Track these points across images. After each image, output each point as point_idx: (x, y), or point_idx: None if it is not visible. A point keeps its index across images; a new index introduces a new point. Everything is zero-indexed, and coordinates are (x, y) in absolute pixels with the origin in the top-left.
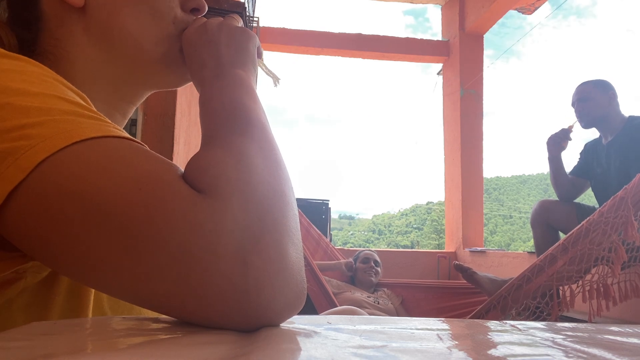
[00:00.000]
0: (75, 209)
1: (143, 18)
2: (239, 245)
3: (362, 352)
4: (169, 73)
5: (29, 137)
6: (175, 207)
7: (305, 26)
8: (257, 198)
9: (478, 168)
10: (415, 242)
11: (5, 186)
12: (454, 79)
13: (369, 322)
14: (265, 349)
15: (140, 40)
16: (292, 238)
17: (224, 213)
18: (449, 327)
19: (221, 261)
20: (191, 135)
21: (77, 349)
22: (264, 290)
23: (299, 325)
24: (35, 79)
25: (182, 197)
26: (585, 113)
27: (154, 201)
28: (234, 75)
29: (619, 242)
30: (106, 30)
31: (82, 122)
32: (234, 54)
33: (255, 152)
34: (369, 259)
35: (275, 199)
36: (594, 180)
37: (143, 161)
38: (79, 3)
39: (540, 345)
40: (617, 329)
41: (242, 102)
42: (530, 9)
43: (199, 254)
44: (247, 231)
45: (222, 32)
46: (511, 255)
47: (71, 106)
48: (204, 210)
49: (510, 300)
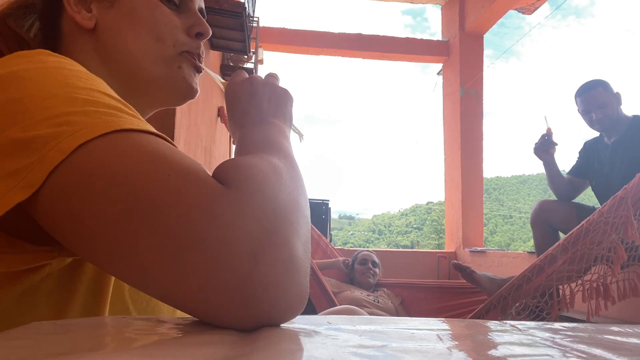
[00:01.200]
0: (109, 189)
1: (145, 40)
2: (252, 239)
3: (362, 352)
4: (168, 91)
5: (72, 124)
6: (199, 194)
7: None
8: (277, 200)
9: (478, 168)
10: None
11: (45, 167)
12: (454, 79)
13: (369, 322)
14: (266, 349)
15: (141, 60)
16: (303, 245)
17: (244, 206)
18: (449, 327)
19: (233, 253)
20: (191, 135)
21: (77, 349)
22: (270, 288)
23: (299, 325)
24: (83, 75)
25: (207, 186)
26: (605, 120)
27: (183, 188)
28: (273, 123)
29: (618, 241)
30: (112, 49)
31: (123, 117)
32: (274, 108)
33: (283, 166)
34: (366, 260)
35: (293, 207)
36: (595, 179)
37: (175, 155)
38: (89, 25)
39: (540, 345)
40: (617, 329)
41: (278, 140)
42: (530, 9)
43: (212, 244)
44: (262, 228)
45: (266, 88)
46: (511, 255)
47: (115, 102)
48: (225, 201)
49: (510, 300)
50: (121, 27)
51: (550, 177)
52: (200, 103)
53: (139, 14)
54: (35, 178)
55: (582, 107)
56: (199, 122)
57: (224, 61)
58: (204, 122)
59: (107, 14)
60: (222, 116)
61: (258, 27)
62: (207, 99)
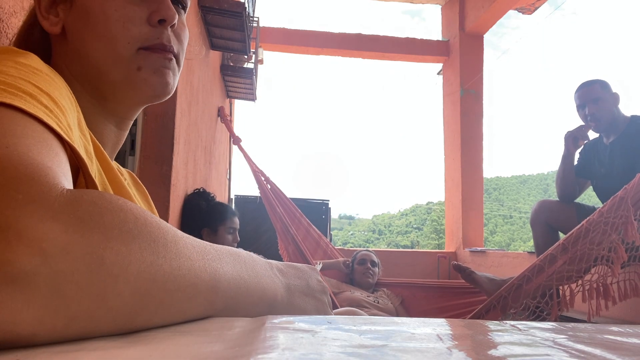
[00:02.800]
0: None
1: (100, 41)
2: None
3: (362, 352)
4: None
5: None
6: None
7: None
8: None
9: (478, 168)
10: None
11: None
12: (454, 79)
13: (369, 322)
14: (265, 349)
15: (99, 64)
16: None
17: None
18: (449, 327)
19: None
20: (191, 135)
21: (76, 348)
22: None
23: (299, 325)
24: (23, 68)
25: (41, 185)
26: (598, 115)
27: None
28: (275, 275)
29: (618, 241)
30: (75, 54)
31: (17, 94)
32: (303, 286)
33: (144, 257)
34: (365, 261)
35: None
36: (596, 179)
37: (31, 146)
38: (55, 30)
39: (541, 345)
40: (617, 329)
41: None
42: (530, 9)
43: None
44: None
45: (314, 279)
46: (511, 255)
47: (33, 88)
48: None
49: (510, 300)
50: (79, 28)
51: (564, 172)
52: (200, 103)
53: (91, 12)
54: None
55: (577, 102)
56: (199, 122)
57: (224, 61)
58: (204, 122)
59: (69, 17)
60: (222, 116)
61: (258, 27)
62: (207, 99)
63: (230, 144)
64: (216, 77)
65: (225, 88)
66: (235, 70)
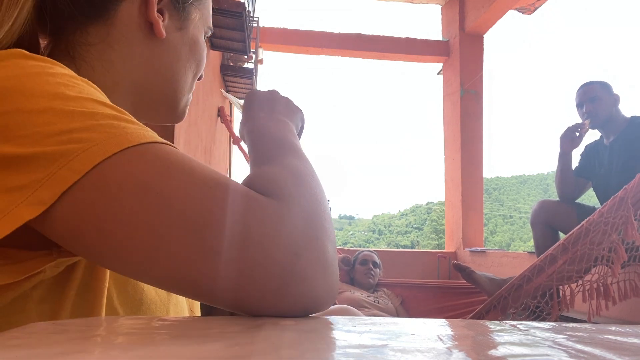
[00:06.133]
0: (141, 201)
1: (189, 74)
2: (294, 242)
3: (362, 352)
4: (169, 116)
5: (80, 141)
6: (248, 203)
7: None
8: (311, 209)
9: (478, 168)
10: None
11: (58, 186)
12: (454, 79)
13: (369, 322)
14: (266, 349)
15: (178, 89)
16: (332, 244)
17: (288, 215)
18: (449, 327)
19: (277, 249)
20: (191, 135)
21: (76, 350)
22: (306, 282)
23: (298, 325)
24: (68, 81)
25: (252, 196)
26: (595, 112)
27: (227, 198)
28: (284, 122)
29: (618, 242)
30: (161, 67)
31: (127, 127)
32: (286, 111)
33: (305, 171)
34: (367, 261)
35: (322, 212)
36: (596, 180)
37: (202, 166)
38: (163, 35)
39: (540, 345)
40: (618, 329)
41: (288, 137)
42: (530, 9)
43: (258, 242)
44: (302, 233)
45: (283, 98)
46: (511, 255)
47: (110, 110)
48: (273, 209)
49: (511, 300)
50: (181, 52)
51: (562, 172)
52: (200, 103)
53: (198, 48)
54: (46, 196)
55: (577, 101)
56: (199, 122)
57: (224, 61)
58: (204, 122)
59: (175, 33)
60: (222, 116)
61: (258, 27)
62: (207, 99)
63: (230, 144)
64: (216, 77)
65: (225, 88)
66: (235, 70)
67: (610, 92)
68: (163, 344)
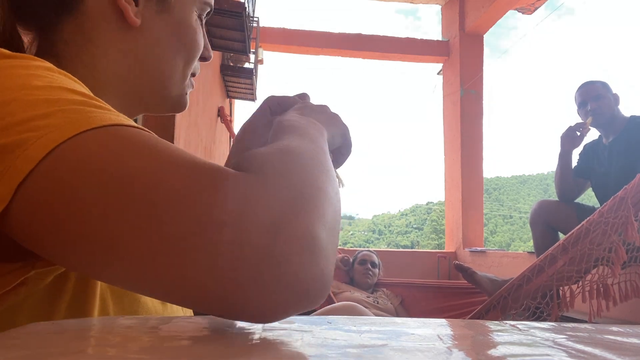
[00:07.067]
0: (95, 188)
1: (178, 60)
2: (271, 218)
3: (362, 352)
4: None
5: (37, 129)
6: (215, 180)
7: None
8: (295, 181)
9: (478, 168)
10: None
11: (13, 179)
12: (454, 79)
13: (369, 322)
14: (265, 349)
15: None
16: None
17: (263, 189)
18: (449, 327)
19: (252, 229)
20: (191, 135)
21: (76, 350)
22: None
23: (298, 324)
24: (40, 73)
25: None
26: (599, 110)
27: (194, 177)
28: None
29: (619, 242)
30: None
31: (91, 112)
32: (325, 118)
33: (302, 149)
34: (365, 261)
35: (318, 193)
36: (595, 180)
37: (173, 148)
38: (137, 23)
39: (540, 345)
40: (618, 329)
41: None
42: (530, 9)
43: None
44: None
45: (332, 112)
46: (511, 255)
47: (78, 96)
48: (246, 183)
49: (511, 300)
50: (162, 38)
51: (561, 172)
52: (200, 103)
53: (184, 31)
54: (4, 192)
55: (579, 100)
56: (199, 122)
57: (224, 61)
58: (204, 122)
59: (154, 18)
60: (222, 116)
61: (258, 27)
62: (207, 99)
63: (230, 144)
64: (216, 77)
65: (225, 88)
66: (235, 70)
67: (611, 91)
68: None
